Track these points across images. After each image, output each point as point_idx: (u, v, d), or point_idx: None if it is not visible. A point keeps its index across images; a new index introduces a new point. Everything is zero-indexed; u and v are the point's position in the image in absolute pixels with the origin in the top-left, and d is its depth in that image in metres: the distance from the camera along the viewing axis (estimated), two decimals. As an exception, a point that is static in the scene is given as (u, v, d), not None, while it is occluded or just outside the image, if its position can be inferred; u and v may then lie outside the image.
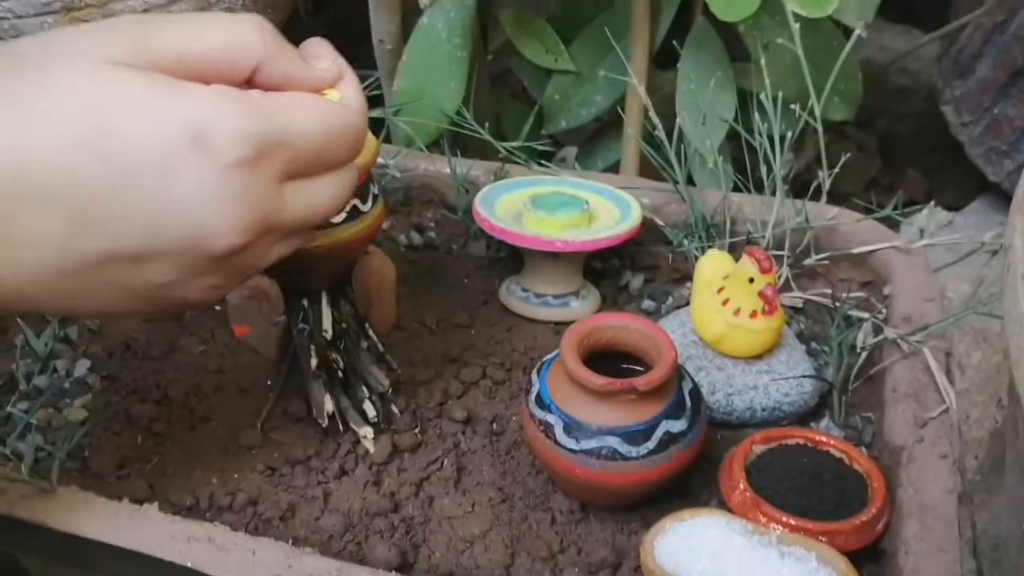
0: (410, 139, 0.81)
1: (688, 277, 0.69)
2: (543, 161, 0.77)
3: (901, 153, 1.11)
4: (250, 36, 0.41)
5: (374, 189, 0.56)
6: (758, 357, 0.58)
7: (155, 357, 0.62)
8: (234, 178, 0.38)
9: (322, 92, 0.43)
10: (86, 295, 0.39)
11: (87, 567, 0.49)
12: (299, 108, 0.40)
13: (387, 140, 0.85)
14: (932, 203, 0.81)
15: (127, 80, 0.37)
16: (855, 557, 0.46)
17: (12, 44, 0.39)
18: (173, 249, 0.38)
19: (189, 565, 0.45)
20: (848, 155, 0.69)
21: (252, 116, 0.38)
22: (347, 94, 0.44)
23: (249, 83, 0.41)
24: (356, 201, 0.55)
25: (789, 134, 0.66)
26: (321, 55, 0.44)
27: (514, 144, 0.76)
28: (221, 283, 0.42)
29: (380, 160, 0.77)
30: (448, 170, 0.75)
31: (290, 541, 0.48)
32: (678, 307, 0.66)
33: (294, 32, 0.48)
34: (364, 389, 0.57)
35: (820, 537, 0.46)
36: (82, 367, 0.61)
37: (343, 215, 0.54)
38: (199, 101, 0.37)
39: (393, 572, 0.46)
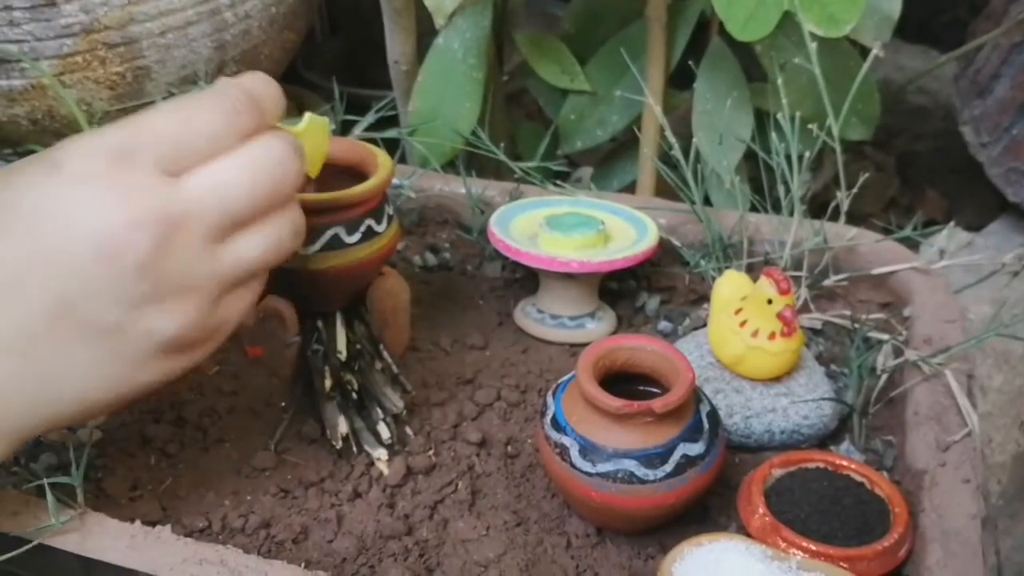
0: (425, 159, 0.81)
1: (705, 298, 0.69)
2: (558, 181, 0.76)
3: (920, 173, 1.11)
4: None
5: (388, 210, 0.56)
6: (776, 379, 0.58)
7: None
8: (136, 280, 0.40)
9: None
10: (65, 368, 0.41)
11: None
12: (214, 174, 0.42)
13: (402, 160, 0.85)
14: (952, 223, 0.80)
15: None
16: (877, 584, 0.45)
17: None
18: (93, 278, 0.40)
19: (201, 588, 0.45)
20: (866, 175, 0.68)
21: (142, 206, 0.40)
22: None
23: None
24: (371, 222, 0.54)
25: (807, 154, 0.66)
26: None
27: (529, 164, 0.76)
28: (189, 359, 0.45)
29: (395, 180, 0.77)
30: (463, 190, 0.75)
31: (303, 564, 0.47)
32: (695, 328, 0.66)
33: (311, 54, 0.49)
34: (378, 411, 0.57)
35: (841, 563, 0.46)
36: (97, 387, 0.61)
37: (358, 235, 0.54)
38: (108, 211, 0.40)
39: (407, 597, 0.46)
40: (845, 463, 0.52)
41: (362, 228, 0.54)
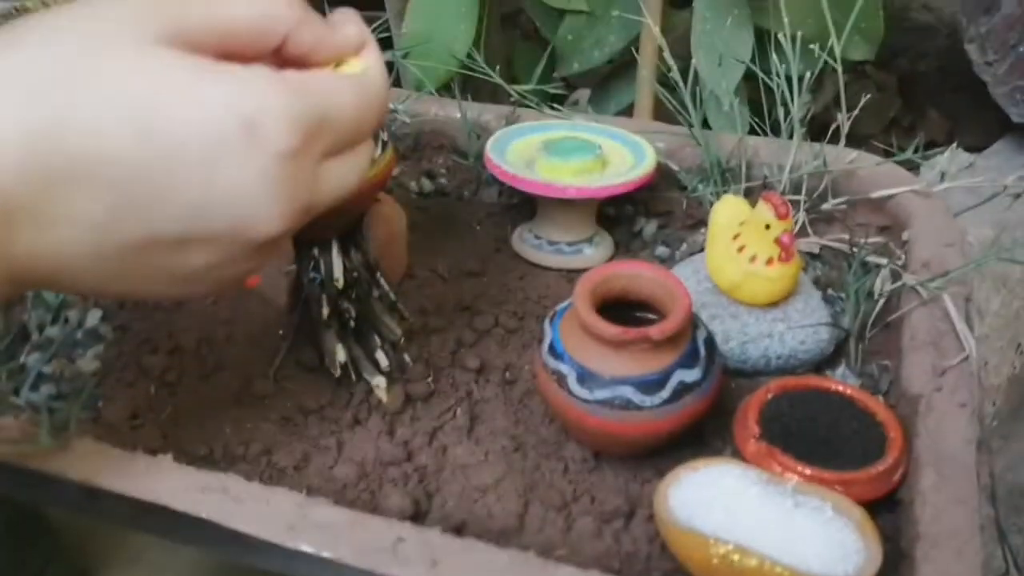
0: (420, 83, 0.80)
1: (703, 223, 0.68)
2: (555, 105, 0.75)
3: (922, 93, 1.09)
4: (280, 5, 0.40)
5: (384, 135, 0.56)
6: (774, 305, 0.57)
7: (166, 307, 0.62)
8: (283, 167, 0.37)
9: (343, 60, 0.42)
10: (123, 278, 0.39)
11: (106, 518, 0.49)
12: (335, 87, 0.40)
13: (396, 84, 0.84)
14: (953, 145, 0.79)
15: (172, 64, 0.36)
16: (871, 507, 0.46)
17: (46, 18, 0.37)
18: (215, 236, 0.38)
19: (203, 516, 0.45)
20: (868, 96, 0.67)
21: (298, 101, 0.37)
22: (371, 63, 0.42)
23: (277, 52, 0.40)
24: (365, 148, 0.54)
25: (808, 74, 0.65)
26: (345, 22, 0.43)
27: (526, 87, 0.75)
28: (257, 266, 0.41)
29: (389, 105, 0.75)
30: (459, 115, 0.74)
31: (304, 490, 0.48)
32: (692, 254, 0.66)
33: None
34: (376, 338, 0.57)
35: (836, 487, 0.46)
36: (94, 317, 0.61)
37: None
38: (245, 86, 0.37)
39: (406, 521, 0.46)
40: (841, 388, 0.52)
41: (356, 155, 0.53)
